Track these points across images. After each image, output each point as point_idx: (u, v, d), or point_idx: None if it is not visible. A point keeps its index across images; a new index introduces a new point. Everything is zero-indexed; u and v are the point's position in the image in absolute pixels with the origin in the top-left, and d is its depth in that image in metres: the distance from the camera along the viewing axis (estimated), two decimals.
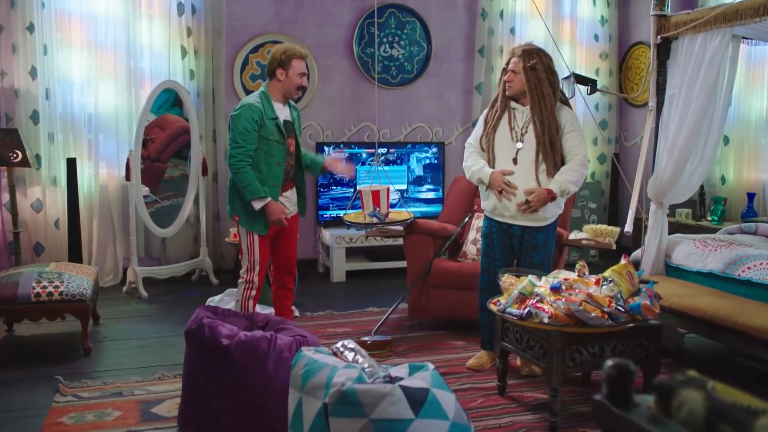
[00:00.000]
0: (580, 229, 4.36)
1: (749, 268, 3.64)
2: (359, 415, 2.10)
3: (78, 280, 4.00)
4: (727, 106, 4.11)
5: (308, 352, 2.41)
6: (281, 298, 3.89)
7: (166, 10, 5.65)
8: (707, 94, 3.85)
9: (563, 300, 2.84)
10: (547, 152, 3.43)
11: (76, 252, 5.16)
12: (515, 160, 3.49)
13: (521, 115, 3.52)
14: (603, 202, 6.99)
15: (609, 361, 1.07)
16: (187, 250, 5.90)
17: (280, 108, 3.67)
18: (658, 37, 4.04)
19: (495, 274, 3.37)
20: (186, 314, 3.48)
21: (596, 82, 4.31)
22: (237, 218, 3.72)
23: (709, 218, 5.81)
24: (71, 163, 5.15)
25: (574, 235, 4.15)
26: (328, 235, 5.94)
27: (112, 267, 5.62)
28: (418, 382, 2.19)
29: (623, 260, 3.11)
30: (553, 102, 3.46)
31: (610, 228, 4.03)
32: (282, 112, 3.67)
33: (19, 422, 3.05)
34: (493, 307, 3.14)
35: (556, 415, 2.99)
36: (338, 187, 6.11)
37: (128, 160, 5.15)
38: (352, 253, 6.05)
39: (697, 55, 3.85)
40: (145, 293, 5.19)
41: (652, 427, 1.00)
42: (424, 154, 6.37)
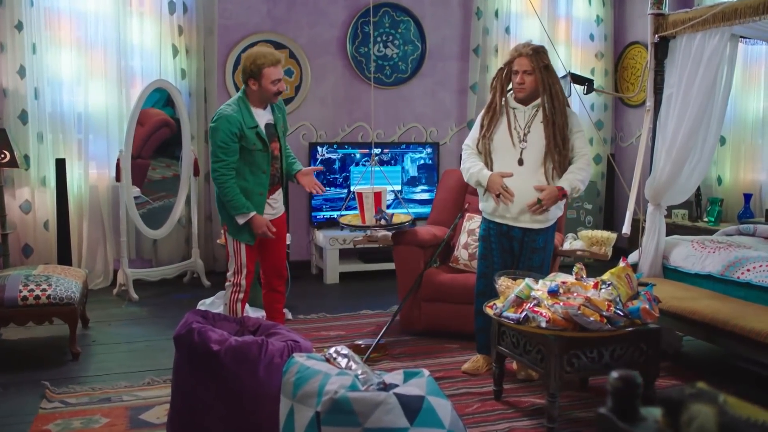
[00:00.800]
0: (575, 231, 4.31)
1: (748, 270, 3.59)
2: (353, 424, 2.03)
3: (66, 283, 3.93)
4: (725, 106, 4.06)
5: (300, 359, 2.34)
6: (272, 302, 3.82)
7: (157, 9, 5.58)
8: (706, 94, 3.80)
9: (561, 304, 2.79)
10: (558, 152, 3.38)
11: (65, 254, 5.07)
12: (521, 161, 3.43)
13: (522, 115, 3.46)
14: (599, 203, 6.95)
15: (614, 373, 1.02)
16: (178, 252, 5.82)
17: (261, 113, 3.51)
18: (656, 36, 4.00)
19: (492, 278, 3.30)
20: (177, 317, 3.42)
21: (593, 82, 4.26)
22: (226, 227, 3.64)
23: (706, 219, 5.76)
24: (60, 164, 5.07)
25: (569, 245, 4.09)
26: (321, 237, 5.88)
27: (103, 269, 5.53)
28: (413, 389, 2.12)
29: (622, 263, 3.06)
30: (564, 101, 3.45)
31: (606, 235, 3.97)
32: (263, 117, 3.52)
33: (4, 430, 2.98)
34: (489, 311, 3.08)
35: (554, 421, 2.93)
36: (331, 188, 6.04)
37: (118, 160, 5.08)
38: (346, 255, 5.98)
39: (695, 55, 3.80)
40: (135, 296, 5.12)
41: None
42: (418, 155, 6.31)
